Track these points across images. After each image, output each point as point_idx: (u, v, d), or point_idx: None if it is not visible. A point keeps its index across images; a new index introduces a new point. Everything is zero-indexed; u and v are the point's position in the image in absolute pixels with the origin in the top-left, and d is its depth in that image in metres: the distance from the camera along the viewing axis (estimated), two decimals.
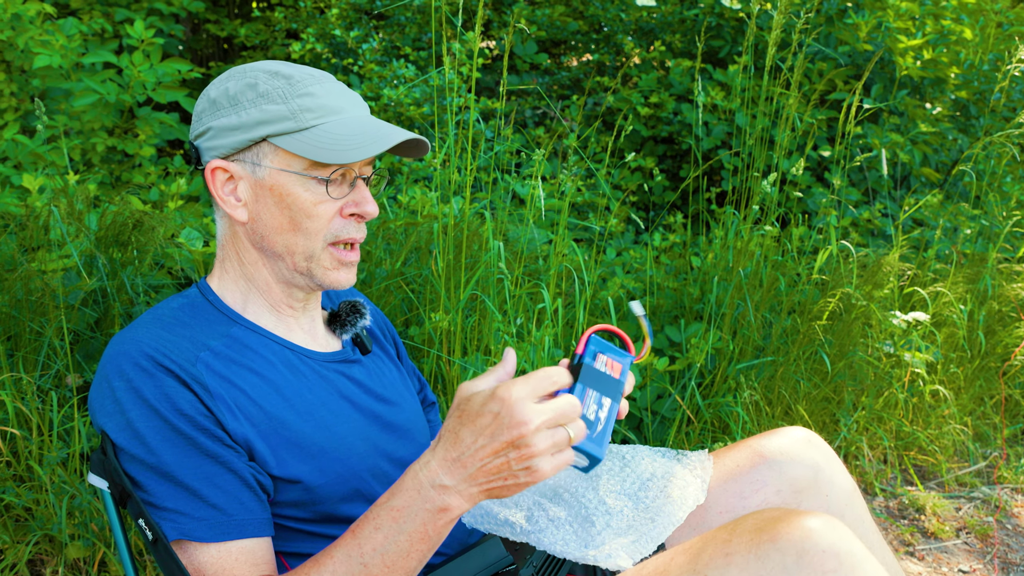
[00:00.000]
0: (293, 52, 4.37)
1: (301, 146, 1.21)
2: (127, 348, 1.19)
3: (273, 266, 1.30)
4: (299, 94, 1.23)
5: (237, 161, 1.26)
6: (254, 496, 1.18)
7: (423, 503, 1.05)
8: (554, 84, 5.18)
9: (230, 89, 1.25)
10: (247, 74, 1.25)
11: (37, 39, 3.22)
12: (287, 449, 1.23)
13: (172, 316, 1.27)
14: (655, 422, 2.78)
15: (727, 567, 1.13)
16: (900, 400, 3.11)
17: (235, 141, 1.24)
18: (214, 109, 1.26)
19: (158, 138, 3.72)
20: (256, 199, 1.26)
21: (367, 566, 1.07)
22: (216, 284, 1.34)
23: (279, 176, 1.24)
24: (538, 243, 2.97)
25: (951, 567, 2.62)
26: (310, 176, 1.23)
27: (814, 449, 1.54)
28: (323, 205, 1.25)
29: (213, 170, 1.26)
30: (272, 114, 1.22)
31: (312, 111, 1.23)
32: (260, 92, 1.23)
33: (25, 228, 2.49)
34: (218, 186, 1.27)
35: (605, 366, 1.19)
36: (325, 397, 1.31)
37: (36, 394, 2.17)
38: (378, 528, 1.07)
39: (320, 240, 1.27)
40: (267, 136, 1.23)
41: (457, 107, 2.99)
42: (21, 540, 2.03)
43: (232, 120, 1.24)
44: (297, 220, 1.25)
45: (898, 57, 4.34)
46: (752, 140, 3.30)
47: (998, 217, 3.96)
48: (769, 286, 3.09)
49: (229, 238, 1.32)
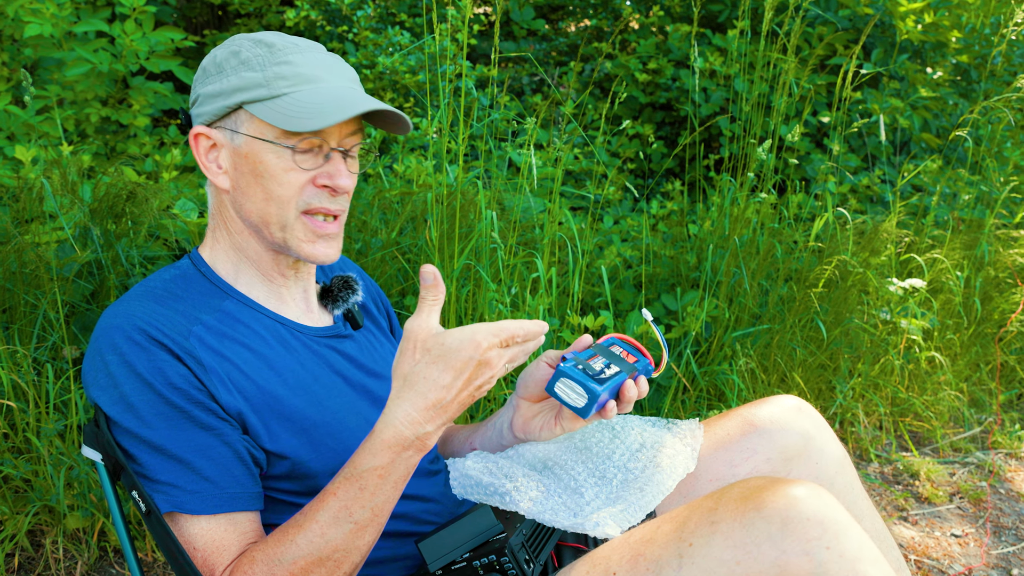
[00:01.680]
0: (288, 19, 4.32)
1: (271, 114, 1.22)
2: (120, 322, 1.19)
3: (257, 237, 1.31)
4: (277, 62, 1.23)
5: (219, 128, 1.27)
6: (246, 470, 1.19)
7: (407, 454, 1.12)
8: (552, 50, 5.12)
9: (217, 56, 1.26)
10: (235, 42, 1.27)
11: (27, 7, 3.18)
12: (279, 423, 1.23)
13: (164, 288, 1.27)
14: (651, 390, 2.79)
15: (712, 535, 1.14)
16: (896, 367, 3.12)
17: (216, 108, 1.25)
18: (204, 76, 1.27)
19: (152, 108, 3.69)
20: (235, 167, 1.27)
21: (357, 522, 1.12)
22: (208, 254, 1.34)
23: (253, 144, 1.24)
24: (534, 212, 2.96)
25: (944, 531, 2.64)
26: (280, 144, 1.23)
27: (804, 417, 1.54)
28: (292, 173, 1.25)
29: (196, 136, 1.28)
30: (248, 80, 1.23)
31: (286, 79, 1.23)
32: (242, 60, 1.24)
33: (18, 200, 2.48)
34: (202, 153, 1.28)
35: (620, 353, 1.31)
36: (317, 372, 1.32)
37: (32, 366, 2.17)
38: (363, 488, 1.12)
39: (292, 209, 1.26)
40: (242, 103, 1.23)
41: (452, 75, 2.97)
42: (20, 511, 2.05)
43: (215, 87, 1.25)
44: (269, 188, 1.25)
45: (898, 21, 4.29)
46: (749, 106, 3.28)
47: (995, 183, 3.94)
48: (766, 253, 3.08)
49: (218, 207, 1.33)
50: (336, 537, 1.12)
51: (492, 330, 1.12)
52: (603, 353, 1.32)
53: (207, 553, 1.16)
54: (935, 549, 2.54)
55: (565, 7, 5.66)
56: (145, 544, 2.11)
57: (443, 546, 1.24)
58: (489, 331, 1.11)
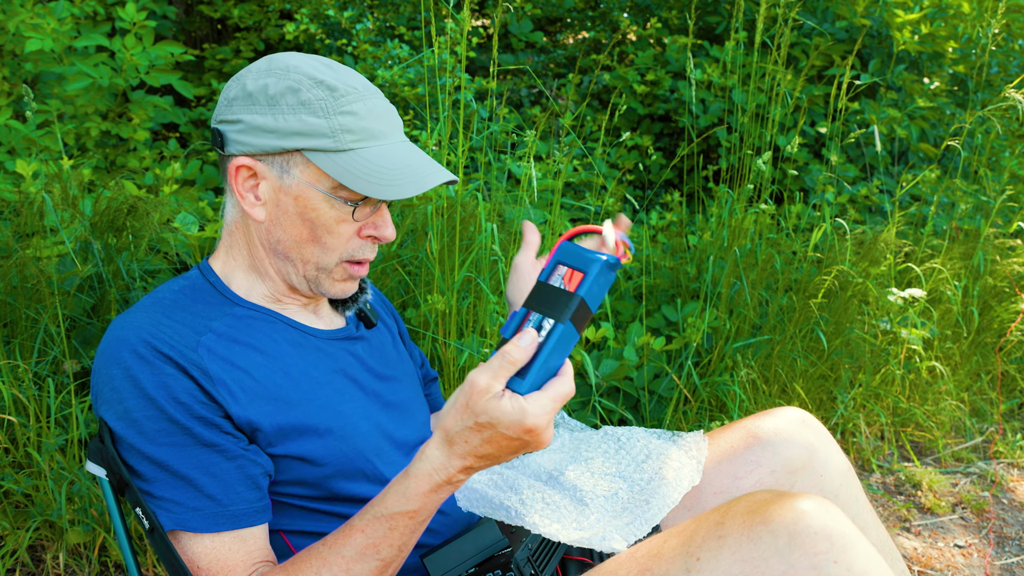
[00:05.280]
0: (288, 33, 4.34)
1: (337, 169, 1.18)
2: (126, 334, 1.18)
3: (280, 266, 1.29)
4: (341, 111, 1.19)
5: (264, 162, 1.22)
6: (251, 484, 1.18)
7: (437, 497, 1.09)
8: (550, 62, 5.14)
9: (270, 87, 1.20)
10: (290, 75, 1.20)
11: (28, 22, 3.19)
12: (292, 428, 1.23)
13: (172, 299, 1.26)
14: (652, 401, 2.79)
15: (720, 549, 1.13)
16: (897, 377, 3.12)
17: (267, 144, 1.20)
18: (250, 102, 1.21)
19: (152, 121, 3.70)
20: (277, 203, 1.23)
21: (383, 559, 1.11)
22: (220, 267, 1.32)
23: (306, 190, 1.21)
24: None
25: (947, 542, 2.64)
26: (336, 197, 1.21)
27: (808, 429, 1.54)
28: (345, 224, 1.24)
29: (238, 168, 1.23)
30: (311, 127, 1.18)
31: (353, 133, 1.20)
32: (302, 100, 1.19)
33: (19, 214, 2.48)
34: (239, 182, 1.24)
35: (562, 280, 1.08)
36: (329, 376, 1.31)
37: (33, 381, 2.17)
38: (393, 528, 1.10)
39: (336, 256, 1.26)
40: (302, 149, 1.19)
41: (451, 87, 2.97)
42: (21, 526, 2.04)
43: (268, 121, 1.19)
44: (318, 234, 1.24)
45: (895, 32, 4.31)
46: (746, 117, 3.29)
47: (991, 192, 3.95)
48: (765, 264, 3.09)
49: (240, 226, 1.30)
50: (361, 573, 1.11)
51: (547, 406, 1.02)
52: (537, 302, 1.08)
53: (212, 573, 1.15)
54: (938, 560, 2.54)
55: (563, 19, 5.68)
56: (146, 559, 2.11)
57: (448, 561, 1.24)
58: (544, 408, 1.02)
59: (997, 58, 4.38)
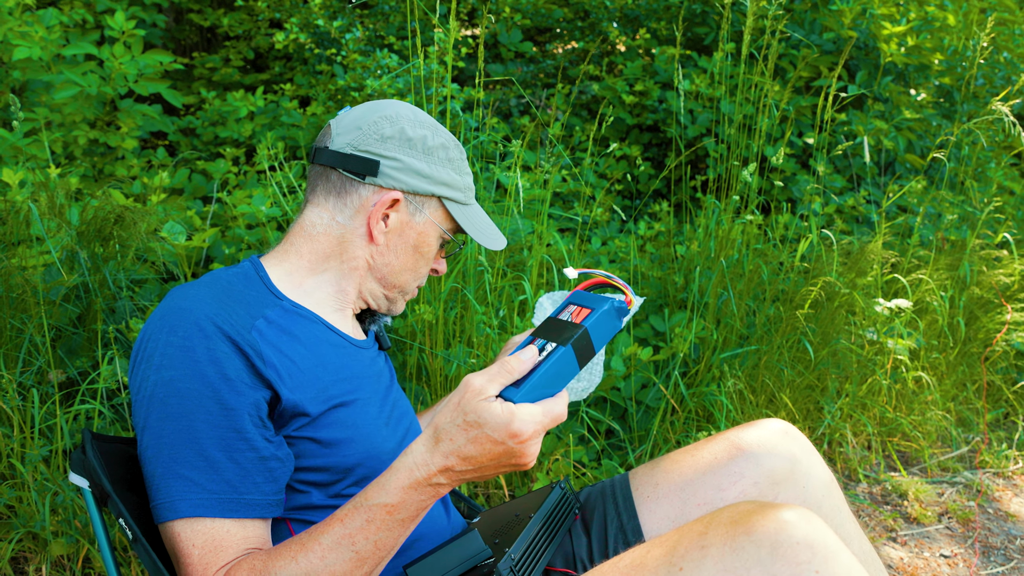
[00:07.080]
0: (277, 42, 4.34)
1: (465, 220, 1.45)
2: (190, 305, 1.22)
3: (364, 282, 1.43)
4: (465, 172, 1.46)
5: (408, 199, 1.40)
6: (269, 477, 1.20)
7: (419, 497, 1.12)
8: (539, 72, 5.16)
9: (428, 139, 1.40)
10: (440, 134, 1.43)
11: (16, 31, 3.19)
12: (328, 419, 1.28)
13: (229, 283, 1.32)
14: (639, 412, 2.79)
15: (703, 559, 1.14)
16: (883, 387, 3.13)
17: (420, 186, 1.39)
18: (408, 146, 1.38)
19: (140, 130, 3.69)
20: (400, 233, 1.41)
21: (358, 552, 1.12)
22: (275, 269, 1.39)
23: (431, 227, 1.43)
24: (523, 233, 2.96)
25: (933, 552, 2.65)
26: (448, 237, 1.46)
27: (791, 441, 1.55)
28: (434, 259, 1.48)
29: (394, 200, 1.38)
30: (454, 182, 1.43)
31: (470, 190, 1.48)
32: (450, 158, 1.43)
33: (5, 223, 2.47)
34: (379, 208, 1.37)
35: (571, 315, 1.20)
36: (361, 381, 1.38)
37: (17, 391, 2.16)
38: (370, 521, 1.12)
39: (416, 283, 1.48)
40: (443, 196, 1.42)
41: (439, 97, 2.98)
42: (4, 538, 2.03)
43: (423, 167, 1.39)
44: (419, 265, 1.45)
45: (882, 44, 4.34)
46: (733, 128, 3.31)
47: (977, 203, 3.98)
48: (752, 274, 3.10)
49: (334, 238, 1.39)
50: (335, 562, 1.12)
51: (537, 417, 1.08)
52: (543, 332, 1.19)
53: (205, 551, 1.15)
54: (924, 570, 2.55)
55: (552, 30, 5.70)
56: (130, 571, 2.09)
57: (432, 571, 1.24)
58: (533, 417, 1.08)
59: (983, 70, 4.41)
